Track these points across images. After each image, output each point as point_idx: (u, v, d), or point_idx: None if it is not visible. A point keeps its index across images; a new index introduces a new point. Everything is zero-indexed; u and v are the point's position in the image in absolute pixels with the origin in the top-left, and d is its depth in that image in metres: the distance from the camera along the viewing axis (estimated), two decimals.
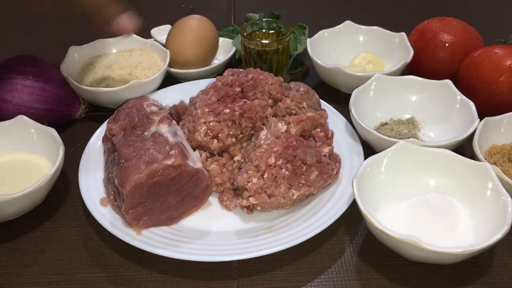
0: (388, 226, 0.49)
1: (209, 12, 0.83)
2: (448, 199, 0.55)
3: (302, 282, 0.52)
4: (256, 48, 0.74)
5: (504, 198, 0.51)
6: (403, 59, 0.75)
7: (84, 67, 0.78)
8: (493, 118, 0.64)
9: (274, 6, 0.91)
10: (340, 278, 0.53)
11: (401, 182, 0.57)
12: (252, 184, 0.53)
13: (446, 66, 0.75)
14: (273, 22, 0.78)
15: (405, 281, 0.52)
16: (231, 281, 0.53)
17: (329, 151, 0.58)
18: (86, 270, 0.54)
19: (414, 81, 0.70)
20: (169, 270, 0.53)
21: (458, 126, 0.65)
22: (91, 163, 0.62)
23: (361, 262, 0.54)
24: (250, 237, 0.54)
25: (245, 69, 0.65)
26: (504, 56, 0.67)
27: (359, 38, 0.83)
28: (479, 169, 0.55)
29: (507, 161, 0.61)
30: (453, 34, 0.75)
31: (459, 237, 0.52)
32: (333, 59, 0.80)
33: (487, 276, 0.53)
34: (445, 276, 0.52)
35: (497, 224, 0.50)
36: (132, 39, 0.82)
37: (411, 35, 0.79)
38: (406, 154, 0.57)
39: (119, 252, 0.55)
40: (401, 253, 0.51)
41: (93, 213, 0.55)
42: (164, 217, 0.55)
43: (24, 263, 0.55)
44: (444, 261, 0.50)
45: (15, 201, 0.54)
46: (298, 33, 0.85)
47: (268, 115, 0.61)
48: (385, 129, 0.68)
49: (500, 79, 0.67)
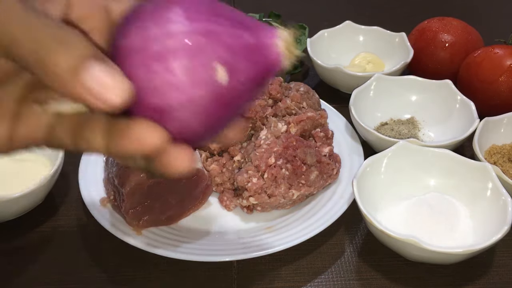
0: (388, 226, 0.49)
1: None
2: (448, 199, 0.55)
3: (302, 282, 0.52)
4: None
5: (504, 198, 0.51)
6: (403, 59, 0.75)
7: None
8: (493, 118, 0.64)
9: (274, 6, 0.91)
10: (340, 278, 0.53)
11: (401, 182, 0.57)
12: (252, 184, 0.53)
13: (446, 66, 0.75)
14: (273, 22, 0.78)
15: (405, 281, 0.52)
16: (231, 281, 0.53)
17: (329, 151, 0.58)
18: (86, 270, 0.54)
19: (414, 81, 0.70)
20: (169, 270, 0.53)
21: (458, 126, 0.65)
22: (91, 163, 0.62)
23: (361, 262, 0.54)
24: (250, 237, 0.54)
25: None
26: (504, 56, 0.67)
27: (359, 38, 0.83)
28: (479, 169, 0.55)
29: (507, 161, 0.61)
30: (453, 34, 0.75)
31: (459, 237, 0.52)
32: (333, 59, 0.80)
33: (487, 276, 0.53)
34: (445, 276, 0.52)
35: (497, 224, 0.50)
36: None
37: (411, 35, 0.79)
38: (406, 154, 0.57)
39: (119, 252, 0.55)
40: (401, 253, 0.51)
41: (93, 213, 0.55)
42: (164, 217, 0.55)
43: (24, 263, 0.55)
44: (444, 261, 0.50)
45: (15, 201, 0.54)
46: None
47: (268, 115, 0.61)
48: (385, 129, 0.68)
49: (500, 79, 0.67)
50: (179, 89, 0.22)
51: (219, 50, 0.22)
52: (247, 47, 0.23)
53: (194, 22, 0.22)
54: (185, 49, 0.22)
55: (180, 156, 0.23)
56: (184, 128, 0.23)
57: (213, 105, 0.22)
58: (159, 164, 0.23)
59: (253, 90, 0.24)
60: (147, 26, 0.22)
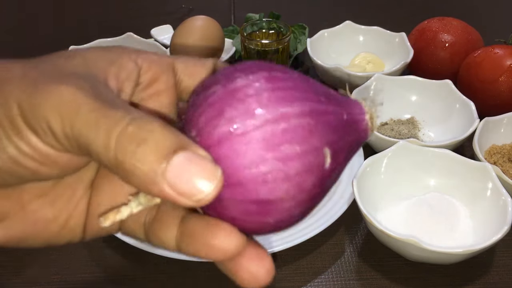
0: (388, 226, 0.49)
1: (209, 12, 0.83)
2: (448, 199, 0.55)
3: (302, 282, 0.52)
4: (256, 48, 0.74)
5: (504, 198, 0.51)
6: (403, 59, 0.75)
7: None
8: (493, 118, 0.64)
9: (274, 6, 0.91)
10: (340, 278, 0.53)
11: (401, 182, 0.57)
12: None
13: (446, 66, 0.75)
14: (273, 22, 0.78)
15: (405, 281, 0.52)
16: (231, 281, 0.53)
17: None
18: (86, 270, 0.54)
19: (414, 81, 0.70)
20: (169, 270, 0.53)
21: (458, 126, 0.65)
22: None
23: (361, 262, 0.54)
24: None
25: None
26: (504, 56, 0.67)
27: (359, 38, 0.83)
28: (479, 169, 0.55)
29: (507, 161, 0.61)
30: (453, 34, 0.75)
31: (459, 237, 0.52)
32: (333, 59, 0.80)
33: (487, 276, 0.53)
34: (445, 276, 0.52)
35: (497, 224, 0.50)
36: (132, 39, 0.82)
37: (411, 35, 0.79)
38: (406, 154, 0.57)
39: (119, 252, 0.55)
40: (401, 253, 0.51)
41: None
42: None
43: (24, 263, 0.55)
44: (444, 261, 0.50)
45: None
46: (298, 33, 0.85)
47: None
48: (385, 129, 0.68)
49: (500, 79, 0.67)
50: (286, 179, 0.19)
51: (326, 131, 0.20)
52: (346, 126, 0.21)
53: (291, 100, 0.19)
54: (289, 133, 0.19)
55: (255, 265, 0.21)
56: (279, 222, 0.20)
57: (315, 191, 0.20)
58: (229, 270, 0.22)
59: (344, 166, 0.22)
60: (232, 104, 0.19)
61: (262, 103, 0.19)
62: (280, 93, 0.19)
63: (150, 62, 0.23)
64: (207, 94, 0.20)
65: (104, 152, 0.18)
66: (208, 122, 0.19)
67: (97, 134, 0.18)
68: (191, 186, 0.17)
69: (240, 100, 0.19)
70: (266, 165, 0.19)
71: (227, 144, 0.19)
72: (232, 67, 0.21)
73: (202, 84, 0.21)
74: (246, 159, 0.18)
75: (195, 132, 0.20)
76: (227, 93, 0.19)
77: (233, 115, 0.19)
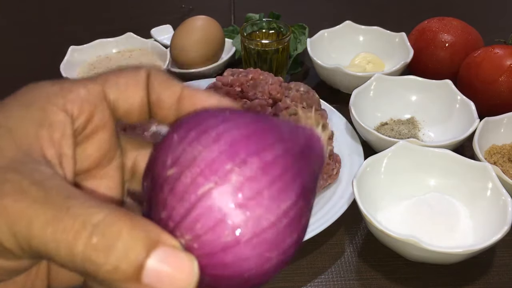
0: (388, 226, 0.49)
1: (209, 12, 0.83)
2: (448, 199, 0.55)
3: (302, 282, 0.52)
4: (256, 48, 0.74)
5: (504, 198, 0.51)
6: (403, 59, 0.75)
7: (84, 67, 0.79)
8: (493, 118, 0.64)
9: (274, 6, 0.91)
10: (340, 278, 0.53)
11: (401, 182, 0.57)
12: None
13: (446, 66, 0.75)
14: (273, 22, 0.78)
15: (405, 281, 0.52)
16: None
17: (329, 151, 0.58)
18: None
19: (414, 81, 0.70)
20: None
21: (458, 126, 0.65)
22: None
23: (361, 262, 0.54)
24: None
25: (245, 69, 0.65)
26: (504, 56, 0.67)
27: (359, 38, 0.83)
28: (479, 169, 0.55)
29: (507, 161, 0.61)
30: (453, 34, 0.75)
31: (459, 237, 0.52)
32: (333, 59, 0.80)
33: (487, 276, 0.53)
34: (445, 276, 0.52)
35: (497, 224, 0.50)
36: (132, 39, 0.82)
37: (411, 35, 0.79)
38: (406, 154, 0.57)
39: None
40: (401, 253, 0.51)
41: None
42: None
43: None
44: (444, 261, 0.50)
45: None
46: (298, 33, 0.85)
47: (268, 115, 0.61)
48: (385, 129, 0.68)
49: (500, 79, 0.67)
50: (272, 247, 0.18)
51: (303, 175, 0.19)
52: (309, 158, 0.20)
53: (262, 147, 0.18)
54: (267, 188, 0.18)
55: None
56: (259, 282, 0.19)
57: (295, 245, 0.19)
58: None
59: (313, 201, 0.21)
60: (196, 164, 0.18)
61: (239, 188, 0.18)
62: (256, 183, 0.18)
63: (80, 103, 0.21)
64: (167, 175, 0.19)
65: (71, 265, 0.17)
66: (182, 216, 0.18)
67: (58, 251, 0.17)
68: (169, 285, 0.17)
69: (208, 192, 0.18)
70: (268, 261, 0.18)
71: (213, 237, 0.18)
72: (182, 129, 0.19)
73: (157, 158, 0.19)
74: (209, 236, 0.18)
75: (165, 214, 0.18)
76: (192, 179, 0.18)
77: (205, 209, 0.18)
